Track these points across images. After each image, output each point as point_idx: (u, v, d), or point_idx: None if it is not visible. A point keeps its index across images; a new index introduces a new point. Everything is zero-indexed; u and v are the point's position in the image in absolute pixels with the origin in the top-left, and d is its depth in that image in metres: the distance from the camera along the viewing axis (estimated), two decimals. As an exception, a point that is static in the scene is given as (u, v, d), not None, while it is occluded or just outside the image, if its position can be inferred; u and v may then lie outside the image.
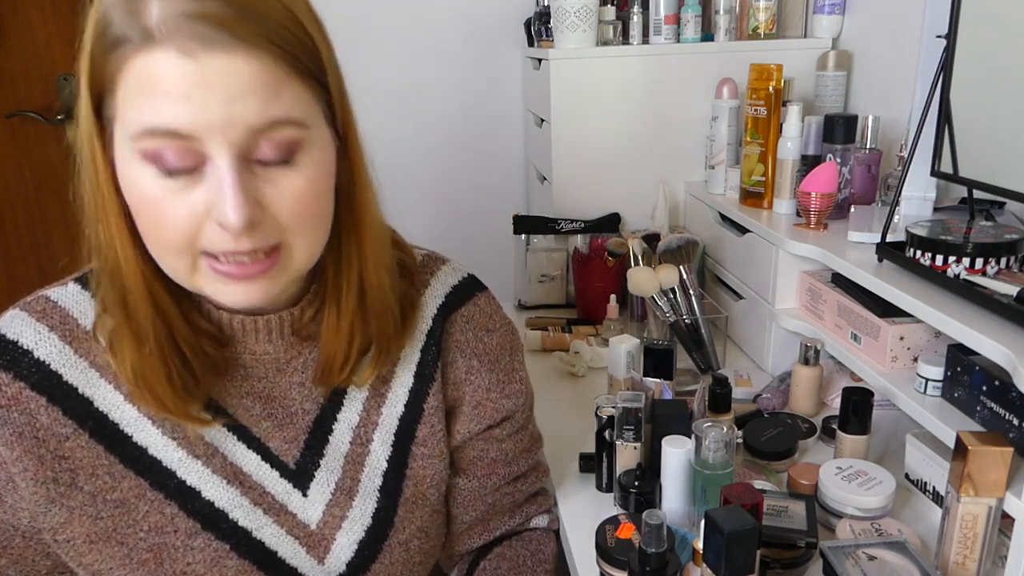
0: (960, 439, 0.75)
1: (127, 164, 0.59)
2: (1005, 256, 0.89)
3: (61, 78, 1.96)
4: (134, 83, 0.57)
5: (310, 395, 0.74)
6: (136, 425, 0.68)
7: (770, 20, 1.59)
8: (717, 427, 0.85)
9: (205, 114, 0.56)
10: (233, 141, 0.57)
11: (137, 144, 0.57)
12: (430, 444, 0.79)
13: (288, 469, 0.73)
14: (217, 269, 0.61)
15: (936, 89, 0.96)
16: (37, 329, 0.67)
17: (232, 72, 0.55)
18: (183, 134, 0.56)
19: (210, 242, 0.59)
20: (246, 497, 0.71)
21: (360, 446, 0.76)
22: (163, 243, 0.61)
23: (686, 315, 1.30)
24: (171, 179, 0.58)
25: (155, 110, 0.56)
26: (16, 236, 2.06)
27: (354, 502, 0.75)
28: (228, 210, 0.57)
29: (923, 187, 1.09)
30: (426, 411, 0.78)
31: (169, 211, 0.58)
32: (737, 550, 0.67)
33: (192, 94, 0.55)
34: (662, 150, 1.65)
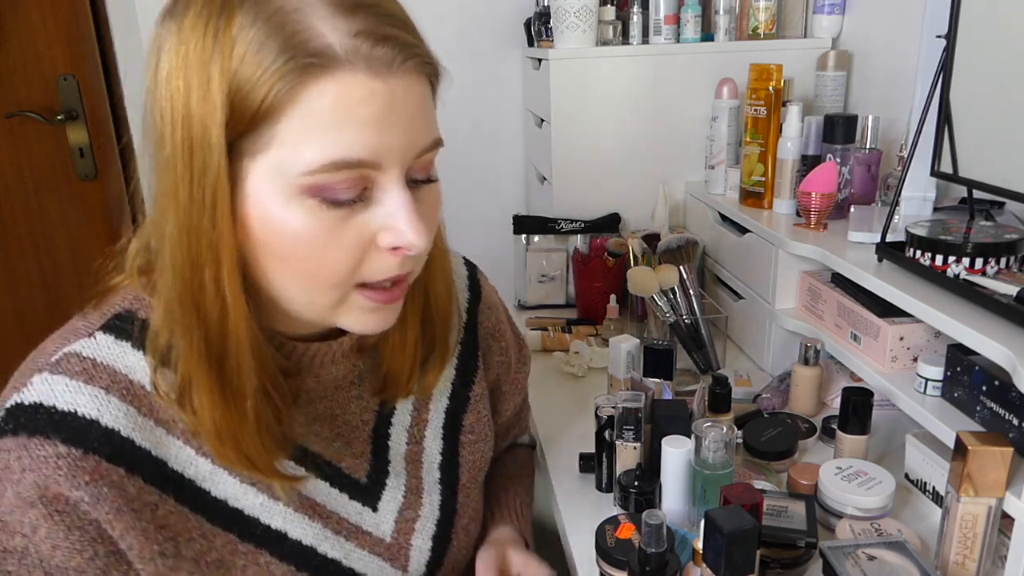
0: (960, 439, 0.75)
1: (276, 199, 0.53)
2: (1005, 256, 0.89)
3: (61, 78, 1.96)
4: (314, 109, 0.51)
5: (367, 406, 0.73)
6: (212, 479, 0.62)
7: (770, 20, 1.59)
8: (717, 427, 0.85)
9: (392, 139, 0.53)
10: (405, 164, 0.55)
11: (307, 179, 0.52)
12: (477, 430, 0.81)
13: (359, 486, 0.71)
14: (373, 298, 0.58)
15: (936, 89, 0.96)
16: (92, 394, 0.57)
17: (411, 94, 0.54)
18: (368, 163, 0.53)
19: (372, 271, 0.57)
20: (328, 528, 0.68)
21: (415, 444, 0.77)
22: (318, 278, 0.56)
23: (686, 315, 1.30)
24: (334, 210, 0.54)
25: (342, 139, 0.52)
26: (16, 236, 2.06)
27: (423, 500, 0.76)
28: (411, 234, 0.55)
29: (923, 187, 1.09)
30: (472, 399, 0.81)
31: (333, 243, 0.54)
32: (737, 550, 0.67)
33: (383, 119, 0.52)
34: (662, 150, 1.65)
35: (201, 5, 0.52)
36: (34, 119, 1.98)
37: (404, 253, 0.57)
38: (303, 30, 0.50)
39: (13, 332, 2.11)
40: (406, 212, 0.55)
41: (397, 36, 0.53)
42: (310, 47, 0.50)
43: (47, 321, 2.33)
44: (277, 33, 0.50)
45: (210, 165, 0.52)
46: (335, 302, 0.58)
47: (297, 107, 0.51)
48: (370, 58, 0.51)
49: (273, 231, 0.54)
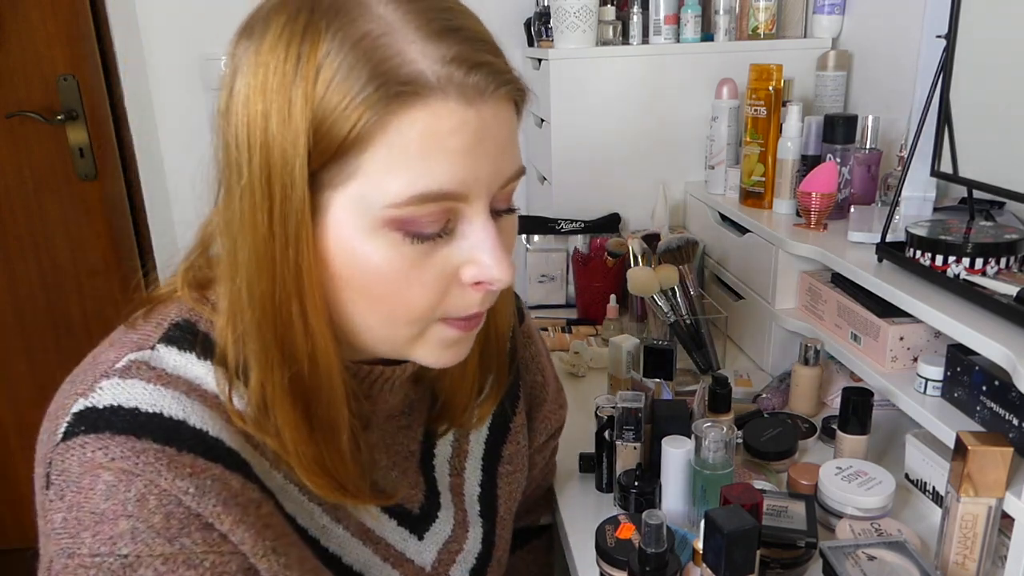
0: (960, 439, 0.75)
1: (358, 232, 0.51)
2: (1005, 256, 0.89)
3: (61, 78, 1.96)
4: (402, 139, 0.48)
5: (414, 437, 0.71)
6: (284, 492, 0.60)
7: (770, 20, 1.59)
8: (717, 427, 0.85)
9: (480, 170, 0.51)
10: (491, 195, 0.53)
11: (393, 212, 0.50)
12: (515, 461, 0.80)
13: (411, 516, 0.70)
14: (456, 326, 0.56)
15: (936, 89, 0.96)
16: (174, 396, 0.54)
17: (501, 122, 0.52)
18: (456, 195, 0.51)
19: (455, 307, 0.55)
20: (377, 555, 0.67)
21: (457, 476, 0.75)
22: (399, 313, 0.54)
23: (686, 315, 1.30)
24: (418, 244, 0.51)
25: (431, 171, 0.49)
26: (16, 236, 2.06)
27: (468, 533, 0.75)
28: (496, 269, 0.53)
29: (923, 187, 1.09)
30: (512, 430, 0.79)
31: (416, 278, 0.52)
32: (737, 550, 0.67)
33: (473, 149, 0.50)
34: (662, 150, 1.65)
35: (282, 27, 0.49)
36: (34, 119, 1.98)
37: (487, 288, 0.55)
38: (393, 56, 0.48)
39: (13, 332, 2.11)
40: (491, 246, 0.53)
41: (490, 63, 0.51)
42: (401, 74, 0.48)
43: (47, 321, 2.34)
44: (366, 59, 0.47)
45: (292, 196, 0.49)
46: (414, 336, 0.56)
47: (385, 137, 0.48)
48: (463, 85, 0.49)
49: (354, 265, 0.52)
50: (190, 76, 1.99)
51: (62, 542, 0.51)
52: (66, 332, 2.12)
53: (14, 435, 2.21)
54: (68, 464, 0.51)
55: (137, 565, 0.50)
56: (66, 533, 0.50)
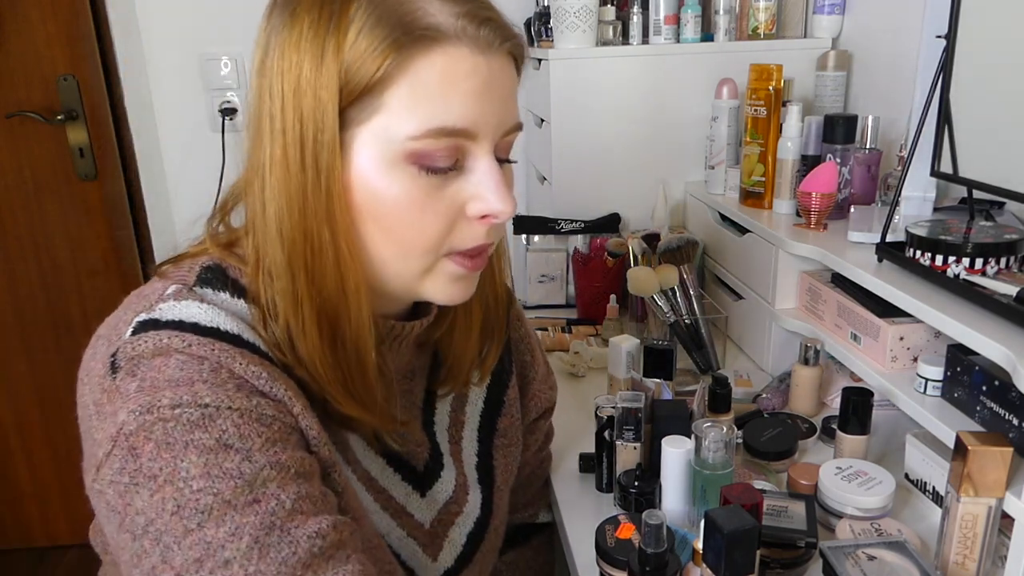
0: (960, 439, 0.75)
1: (378, 165, 0.57)
2: (1005, 256, 0.89)
3: (61, 78, 1.96)
4: (421, 80, 0.55)
5: (416, 401, 0.75)
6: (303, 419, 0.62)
7: (770, 20, 1.59)
8: (717, 427, 0.85)
9: (488, 112, 0.58)
10: (495, 139, 0.60)
11: (411, 144, 0.56)
12: (510, 434, 0.83)
13: (416, 472, 0.73)
14: (462, 263, 0.62)
15: (936, 89, 0.96)
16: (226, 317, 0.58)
17: (507, 74, 0.59)
18: (467, 132, 0.57)
19: (462, 240, 0.61)
20: (377, 503, 0.70)
21: (455, 444, 0.78)
22: (414, 243, 0.59)
23: (686, 315, 1.30)
24: (431, 177, 0.58)
25: (447, 108, 0.56)
26: (16, 236, 2.06)
27: (468, 497, 0.78)
28: (498, 202, 0.59)
29: (923, 187, 1.09)
30: (506, 403, 0.82)
31: (429, 208, 0.58)
32: (737, 550, 0.67)
33: (483, 93, 0.57)
34: (662, 150, 1.65)
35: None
36: (34, 119, 1.98)
37: (491, 221, 0.60)
38: (415, 10, 0.55)
39: (13, 332, 2.11)
40: (495, 182, 0.59)
41: (496, 20, 0.59)
42: (422, 23, 0.55)
43: (47, 321, 2.34)
44: (391, 13, 0.55)
45: (324, 131, 0.55)
46: (425, 268, 0.61)
47: (407, 77, 0.55)
48: (475, 37, 0.56)
49: (374, 196, 0.58)
50: (190, 76, 1.99)
51: (139, 400, 0.53)
52: (66, 332, 2.12)
53: (14, 435, 2.21)
54: (141, 349, 0.55)
55: (216, 416, 0.53)
56: (144, 395, 0.53)
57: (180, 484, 0.51)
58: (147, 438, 0.52)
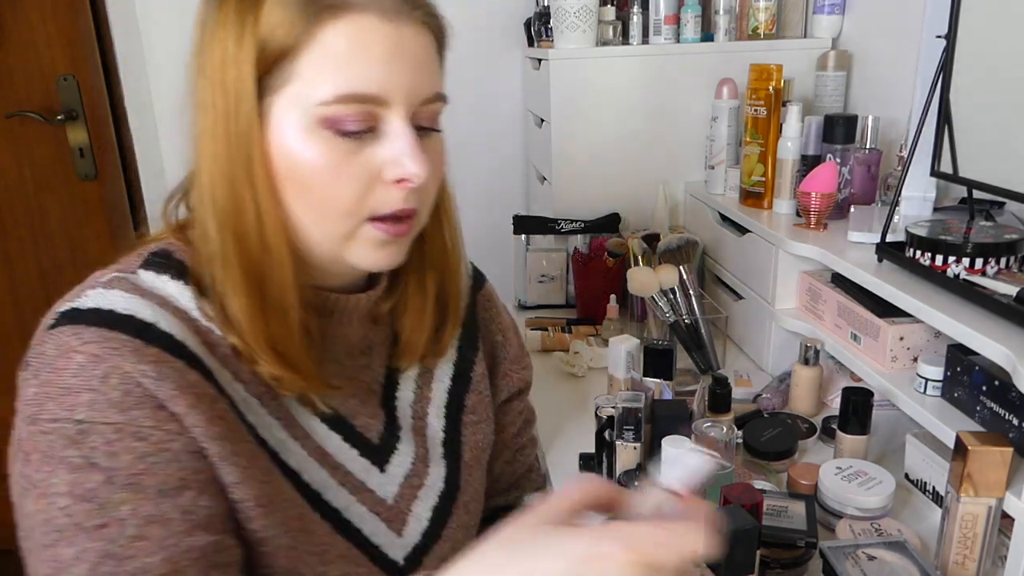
0: (960, 439, 0.75)
1: (294, 130, 0.60)
2: (1005, 256, 0.89)
3: (61, 78, 1.96)
4: (330, 47, 0.58)
5: (375, 376, 0.76)
6: (246, 404, 0.65)
7: (770, 20, 1.59)
8: (717, 427, 0.85)
9: (398, 79, 0.60)
10: (410, 106, 0.61)
11: (322, 109, 0.59)
12: (479, 411, 0.82)
13: (371, 445, 0.74)
14: (383, 228, 0.63)
15: (936, 89, 0.96)
16: (146, 305, 0.61)
17: (418, 42, 0.61)
18: (376, 98, 0.59)
19: (379, 204, 0.62)
20: (334, 479, 0.71)
21: (419, 419, 0.79)
22: (331, 205, 0.62)
23: (686, 315, 1.30)
24: (346, 141, 0.60)
25: (354, 75, 0.58)
26: (16, 236, 2.06)
27: (429, 469, 0.78)
28: (412, 164, 0.60)
29: (923, 187, 1.09)
30: (474, 379, 0.82)
31: (344, 172, 0.60)
32: (737, 550, 0.68)
33: (391, 59, 0.59)
34: (662, 150, 1.65)
35: None
36: (34, 119, 1.98)
37: (407, 185, 0.61)
38: None
39: (13, 332, 2.11)
40: (409, 146, 0.60)
41: None
42: None
43: (47, 321, 2.26)
44: None
45: (243, 101, 0.59)
46: (347, 233, 0.63)
47: (317, 44, 0.58)
48: (383, 5, 0.59)
49: (292, 160, 0.60)
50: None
51: (29, 410, 0.57)
52: (66, 332, 2.11)
53: (14, 435, 2.21)
54: (45, 348, 0.59)
55: (90, 432, 0.56)
56: (35, 403, 0.57)
57: (51, 499, 0.55)
58: (34, 448, 0.56)
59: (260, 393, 0.66)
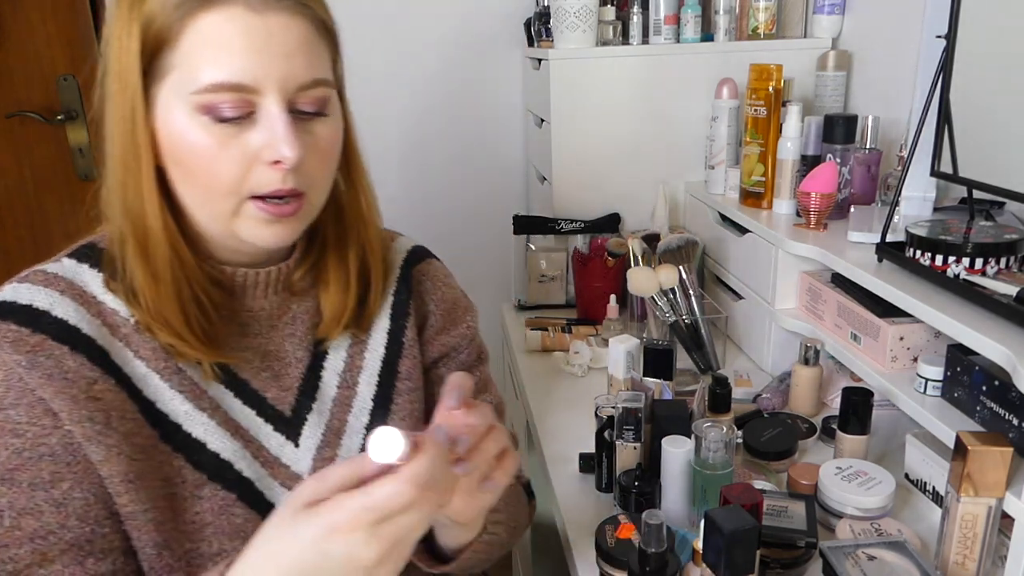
0: (960, 439, 0.75)
1: (177, 116, 0.64)
2: (1005, 256, 0.89)
3: (61, 78, 1.95)
4: (201, 39, 0.62)
5: (301, 345, 0.79)
6: (146, 380, 0.70)
7: (770, 20, 1.59)
8: (717, 427, 0.85)
9: (267, 68, 0.63)
10: (284, 93, 0.64)
11: (197, 98, 0.63)
12: (413, 377, 0.84)
13: (284, 418, 0.77)
14: (264, 208, 0.67)
15: (936, 89, 0.96)
16: (48, 294, 0.68)
17: (288, 30, 0.64)
18: (246, 87, 0.63)
19: (259, 184, 0.66)
20: (247, 450, 0.74)
21: (347, 389, 0.81)
22: (213, 185, 0.66)
23: (686, 315, 1.30)
24: (224, 126, 0.64)
25: (223, 65, 0.62)
26: (16, 236, 2.06)
27: (342, 441, 0.79)
28: (284, 147, 0.64)
29: (923, 187, 1.09)
30: (406, 344, 0.84)
31: (223, 154, 0.64)
32: (737, 550, 0.68)
33: (259, 49, 0.62)
34: (662, 150, 1.65)
35: None
36: (34, 119, 1.98)
37: (281, 167, 0.65)
38: None
39: (13, 332, 2.11)
40: (282, 131, 0.64)
41: None
42: None
43: (47, 321, 2.23)
44: None
45: (129, 87, 0.64)
46: (231, 211, 0.67)
47: (189, 36, 0.62)
48: None
49: (176, 143, 0.65)
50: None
51: None
52: (66, 332, 2.11)
53: (14, 435, 2.21)
54: None
55: None
56: None
57: None
58: None
59: (161, 368, 0.71)
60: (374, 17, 1.96)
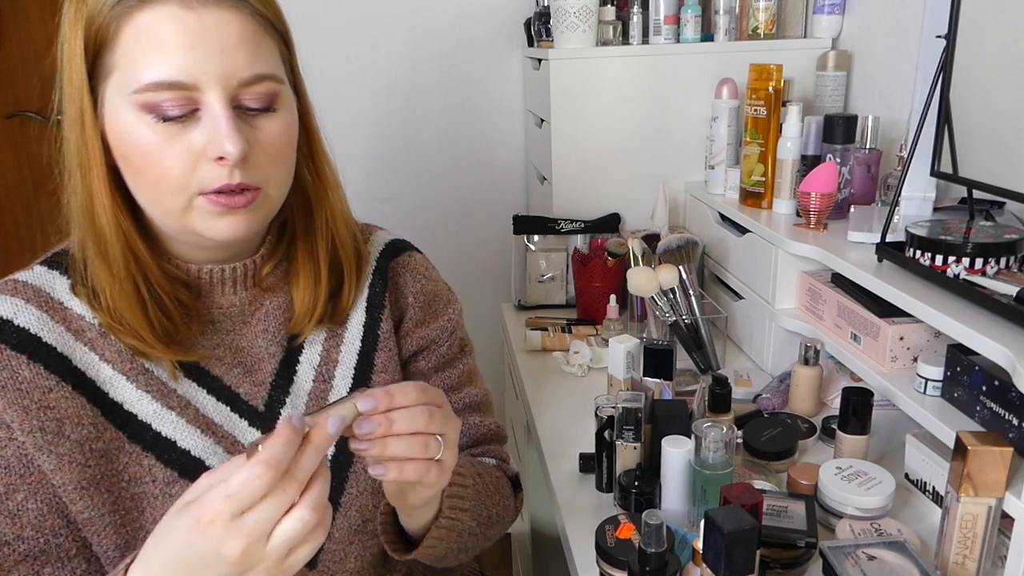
0: (960, 439, 0.75)
1: (122, 115, 0.64)
2: (1005, 256, 0.89)
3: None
4: (137, 38, 0.62)
5: (274, 340, 0.79)
6: (112, 382, 0.71)
7: (770, 20, 1.59)
8: (717, 427, 0.85)
9: (204, 65, 0.62)
10: (226, 89, 0.64)
11: (138, 97, 0.63)
12: (389, 369, 0.84)
13: (257, 413, 0.77)
14: (215, 201, 0.66)
15: (936, 89, 0.96)
16: (13, 303, 0.69)
17: (224, 25, 0.63)
18: (185, 85, 0.62)
19: (206, 180, 0.65)
20: (219, 446, 0.74)
21: (323, 383, 0.81)
22: (161, 183, 0.65)
23: (686, 315, 1.30)
24: (168, 124, 0.64)
25: (160, 64, 0.62)
26: (16, 236, 2.07)
27: None
28: (226, 143, 0.63)
29: (923, 187, 1.09)
30: (381, 337, 0.84)
31: (168, 152, 0.64)
32: (737, 550, 0.67)
33: (194, 46, 0.62)
34: (662, 150, 1.66)
35: None
36: (34, 119, 1.98)
37: (225, 163, 0.65)
38: None
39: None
40: (224, 127, 0.63)
41: None
42: None
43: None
44: None
45: (76, 88, 0.65)
46: (182, 206, 0.67)
47: (126, 36, 0.62)
48: None
49: (123, 143, 0.65)
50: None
51: None
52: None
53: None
54: None
55: None
56: None
57: None
58: None
59: (127, 370, 0.71)
60: (374, 17, 1.96)
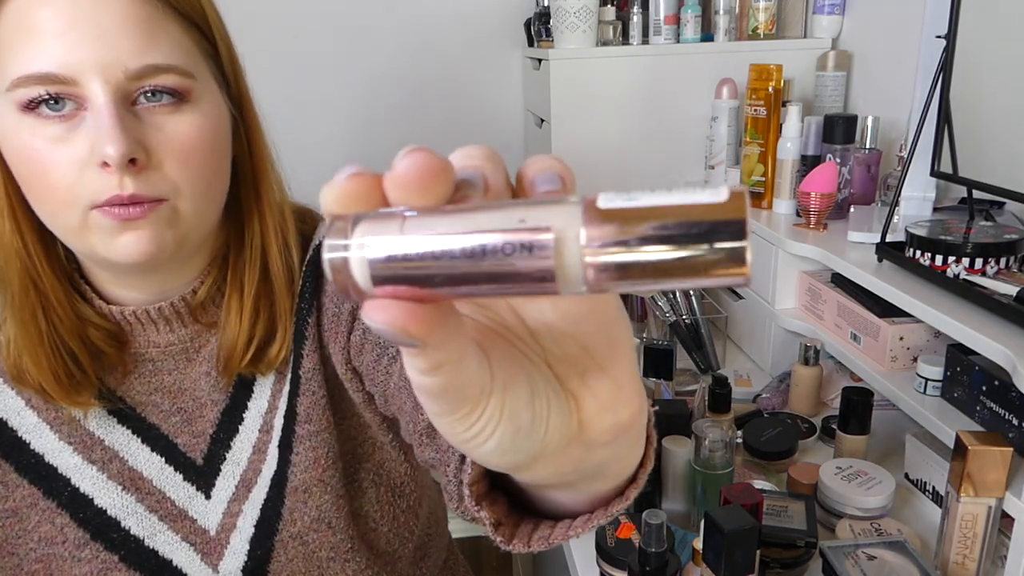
0: (960, 439, 0.75)
1: (5, 119, 0.56)
2: (1005, 256, 0.89)
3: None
4: (7, 26, 0.54)
5: (217, 385, 0.69)
6: (34, 431, 0.66)
7: (770, 20, 1.59)
8: (717, 427, 0.85)
9: (79, 53, 0.53)
10: (111, 82, 0.54)
11: (14, 94, 0.54)
12: (314, 418, 0.69)
13: (195, 467, 0.69)
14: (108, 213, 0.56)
15: (936, 89, 0.96)
16: None
17: (102, 8, 0.54)
18: (59, 78, 0.54)
19: (94, 191, 0.56)
20: (141, 504, 0.68)
21: (265, 433, 0.70)
22: (49, 196, 0.57)
23: (686, 315, 1.30)
24: (50, 126, 0.55)
25: (31, 55, 0.53)
26: (16, 236, 2.06)
27: (251, 494, 0.70)
28: (107, 143, 0.54)
29: (923, 187, 1.09)
30: (303, 378, 0.69)
31: (51, 159, 0.55)
32: (737, 550, 0.68)
33: (65, 32, 0.53)
34: (662, 150, 1.65)
35: None
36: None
37: (109, 169, 0.55)
38: None
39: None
40: (105, 123, 0.54)
41: None
42: None
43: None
44: None
45: None
46: (78, 224, 0.57)
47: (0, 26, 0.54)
48: None
49: (8, 151, 0.57)
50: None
51: None
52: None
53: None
54: None
55: None
56: None
57: None
58: None
59: (52, 419, 0.65)
60: (374, 17, 1.96)
